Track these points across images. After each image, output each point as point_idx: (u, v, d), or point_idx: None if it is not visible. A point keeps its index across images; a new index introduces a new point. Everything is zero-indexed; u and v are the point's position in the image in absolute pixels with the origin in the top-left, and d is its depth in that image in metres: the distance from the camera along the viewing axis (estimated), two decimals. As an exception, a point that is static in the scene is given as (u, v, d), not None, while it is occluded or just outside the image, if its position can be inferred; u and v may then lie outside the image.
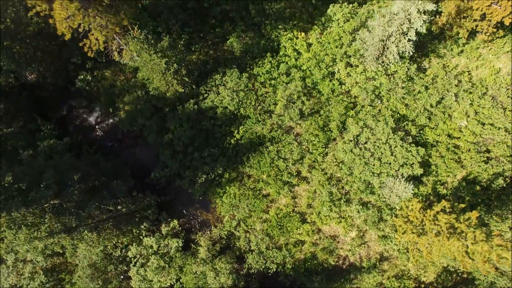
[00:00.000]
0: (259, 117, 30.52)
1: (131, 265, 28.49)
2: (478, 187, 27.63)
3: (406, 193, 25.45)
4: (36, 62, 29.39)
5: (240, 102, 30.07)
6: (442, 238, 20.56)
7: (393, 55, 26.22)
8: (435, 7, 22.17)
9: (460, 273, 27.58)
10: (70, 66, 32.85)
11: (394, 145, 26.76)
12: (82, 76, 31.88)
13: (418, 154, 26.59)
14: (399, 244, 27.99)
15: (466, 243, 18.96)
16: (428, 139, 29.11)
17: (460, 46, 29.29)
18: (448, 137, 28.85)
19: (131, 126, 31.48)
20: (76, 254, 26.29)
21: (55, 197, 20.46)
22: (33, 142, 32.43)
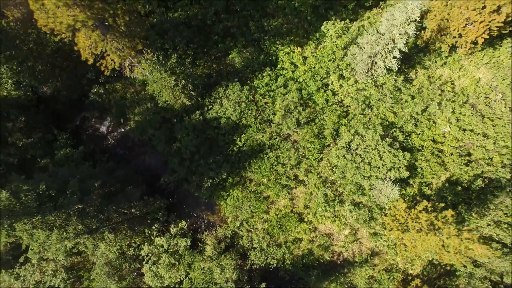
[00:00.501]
0: (259, 126, 32.14)
1: (143, 263, 30.37)
2: (459, 188, 29.63)
3: (393, 194, 27.79)
4: (54, 78, 31.64)
5: (242, 113, 31.73)
6: (422, 234, 23.05)
7: (380, 69, 28.55)
8: (415, 31, 24.57)
9: (443, 266, 29.78)
10: (84, 81, 34.90)
11: (382, 151, 28.88)
12: (95, 90, 34.06)
13: (404, 159, 28.73)
14: (388, 240, 30.11)
15: (442, 238, 21.48)
16: (414, 144, 31.03)
17: (443, 59, 31.29)
18: (433, 142, 30.78)
19: (141, 135, 33.43)
20: (94, 253, 28.61)
21: (79, 202, 22.89)
22: (50, 151, 34.67)
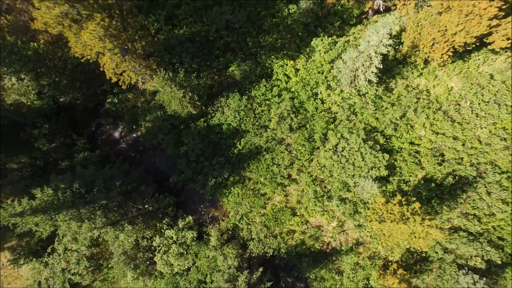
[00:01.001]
0: (257, 131, 34.52)
1: (155, 252, 33.62)
2: (433, 184, 32.68)
3: (373, 190, 31.56)
4: (75, 90, 35.49)
5: (241, 119, 34.26)
6: (395, 224, 26.99)
7: (362, 81, 32.22)
8: (394, 46, 28.34)
9: (419, 253, 33.47)
10: (99, 91, 38.57)
11: (364, 152, 32.18)
12: (110, 100, 37.62)
13: (384, 159, 32.33)
14: (371, 231, 33.31)
15: (410, 226, 25.43)
16: (394, 146, 34.06)
17: (420, 70, 34.35)
18: (410, 144, 33.48)
19: (152, 140, 36.58)
20: (114, 243, 32.43)
21: (103, 198, 26.81)
22: (70, 154, 38.58)
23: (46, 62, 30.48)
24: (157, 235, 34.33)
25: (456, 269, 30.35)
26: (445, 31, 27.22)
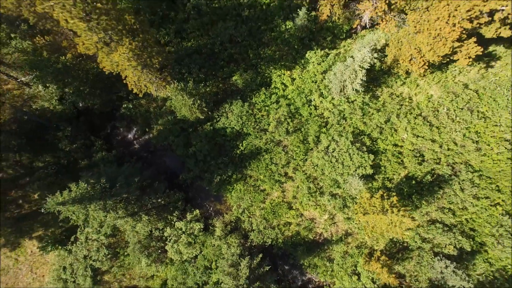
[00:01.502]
0: (257, 134, 37.73)
1: (167, 242, 37.14)
2: (414, 182, 36.38)
3: (359, 187, 35.59)
4: (94, 96, 39.68)
5: (243, 124, 37.62)
6: (377, 215, 31.10)
7: (350, 90, 36.44)
8: (371, 64, 32.50)
9: (401, 243, 37.58)
10: (115, 97, 42.79)
11: (352, 153, 36.16)
12: (125, 105, 41.74)
13: (369, 159, 36.30)
14: (359, 223, 36.89)
15: (388, 216, 29.56)
16: (379, 147, 37.72)
17: (403, 80, 38.23)
18: (394, 146, 37.02)
19: (163, 142, 40.54)
20: (130, 233, 36.40)
21: (125, 192, 30.94)
22: (89, 154, 42.62)
23: (72, 73, 34.66)
24: (168, 227, 38.01)
25: (432, 256, 34.42)
26: (420, 49, 31.35)
